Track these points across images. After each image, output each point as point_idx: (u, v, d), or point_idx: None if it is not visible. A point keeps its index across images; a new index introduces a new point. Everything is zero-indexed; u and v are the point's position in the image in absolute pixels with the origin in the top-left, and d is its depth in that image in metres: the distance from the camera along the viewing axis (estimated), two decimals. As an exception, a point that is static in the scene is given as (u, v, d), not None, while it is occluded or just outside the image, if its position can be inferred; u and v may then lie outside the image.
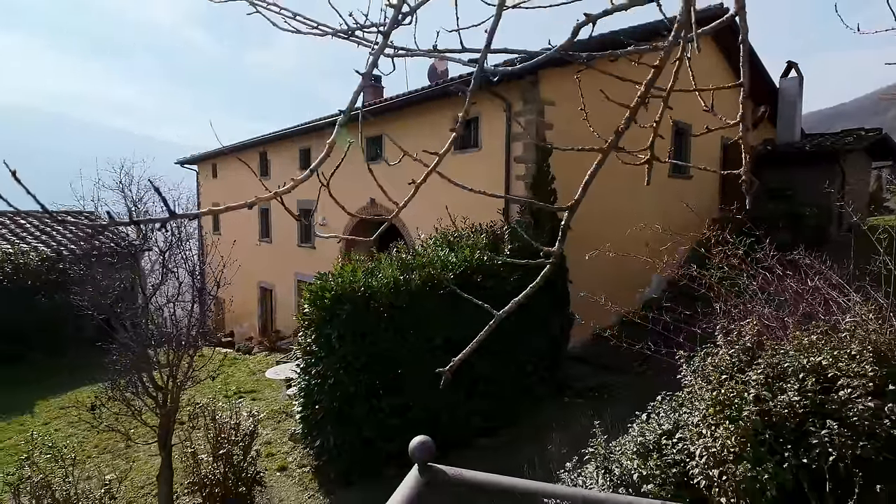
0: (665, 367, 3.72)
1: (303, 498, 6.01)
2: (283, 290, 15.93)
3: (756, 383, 2.54)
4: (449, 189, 1.47)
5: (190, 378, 5.25)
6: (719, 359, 2.84)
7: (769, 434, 2.39)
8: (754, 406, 2.45)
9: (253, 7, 1.12)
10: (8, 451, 7.86)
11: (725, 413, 2.50)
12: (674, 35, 1.00)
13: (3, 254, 11.88)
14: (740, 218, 4.25)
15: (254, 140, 16.19)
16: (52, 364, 11.63)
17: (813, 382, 2.43)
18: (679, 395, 3.14)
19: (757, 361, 2.70)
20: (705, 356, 2.99)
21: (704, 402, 2.65)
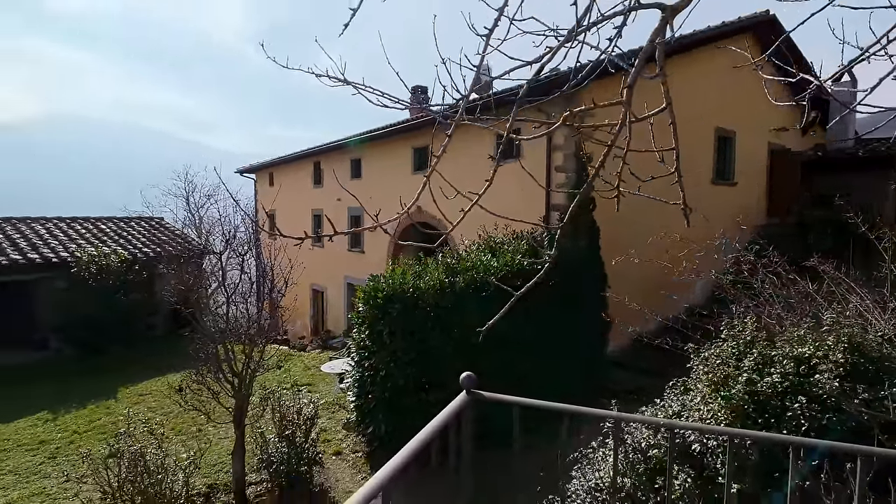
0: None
1: (356, 479, 6.59)
2: (334, 292, 16.77)
3: (748, 369, 2.90)
4: (491, 197, 1.82)
5: (260, 366, 5.94)
6: (721, 349, 3.20)
7: (754, 408, 2.75)
8: (745, 387, 2.81)
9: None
10: (99, 429, 8.87)
11: (720, 392, 2.87)
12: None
13: (89, 256, 13.18)
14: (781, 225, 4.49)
15: (308, 151, 17.17)
16: (128, 356, 12.84)
17: (793, 367, 2.77)
18: (687, 380, 3.50)
19: (752, 351, 3.05)
20: (710, 347, 3.35)
21: (703, 383, 3.02)
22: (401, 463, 1.23)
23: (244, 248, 6.05)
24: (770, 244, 4.53)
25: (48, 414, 9.77)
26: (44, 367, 12.77)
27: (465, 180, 1.82)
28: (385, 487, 1.14)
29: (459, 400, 1.59)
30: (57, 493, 6.94)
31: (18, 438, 8.77)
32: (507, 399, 1.66)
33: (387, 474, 1.18)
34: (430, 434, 1.40)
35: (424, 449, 1.32)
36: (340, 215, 16.02)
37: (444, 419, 1.47)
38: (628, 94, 1.33)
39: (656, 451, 2.99)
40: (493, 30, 1.36)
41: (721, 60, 9.81)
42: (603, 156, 1.43)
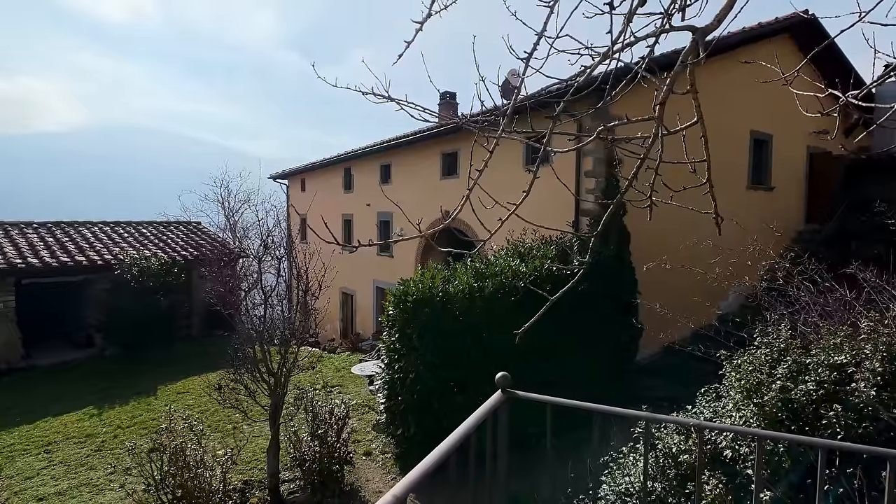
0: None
1: (386, 480, 6.70)
2: (363, 296, 17.00)
3: (782, 376, 2.88)
4: (519, 200, 1.90)
5: (295, 366, 6.12)
6: (753, 357, 3.17)
7: (787, 416, 2.72)
8: (778, 394, 2.79)
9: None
10: (140, 425, 9.24)
11: (752, 399, 2.86)
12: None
13: (131, 258, 13.73)
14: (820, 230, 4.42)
15: (339, 157, 17.50)
16: (167, 355, 13.33)
17: (828, 375, 2.74)
18: (719, 387, 3.48)
19: (785, 359, 3.02)
20: (742, 354, 3.33)
21: (735, 390, 3.01)
22: (438, 458, 1.30)
23: (281, 252, 6.25)
24: (808, 251, 4.45)
25: (94, 409, 10.22)
26: (88, 365, 13.36)
27: (493, 184, 1.89)
28: (422, 482, 1.22)
29: (495, 398, 1.67)
30: (103, 485, 7.27)
31: (67, 431, 9.21)
32: (541, 398, 1.73)
33: (424, 469, 1.25)
34: (467, 430, 1.48)
35: (461, 445, 1.40)
36: (370, 220, 16.27)
37: (480, 417, 1.55)
38: (660, 110, 1.39)
39: (686, 456, 3.00)
40: (533, 52, 1.44)
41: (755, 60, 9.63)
42: (636, 168, 1.49)
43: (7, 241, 14.03)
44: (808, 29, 10.53)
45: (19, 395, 11.40)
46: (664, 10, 1.34)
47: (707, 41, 1.44)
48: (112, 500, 6.88)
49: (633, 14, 1.32)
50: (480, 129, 2.05)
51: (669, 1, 1.35)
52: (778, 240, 6.71)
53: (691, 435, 3.08)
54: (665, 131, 1.43)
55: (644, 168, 1.50)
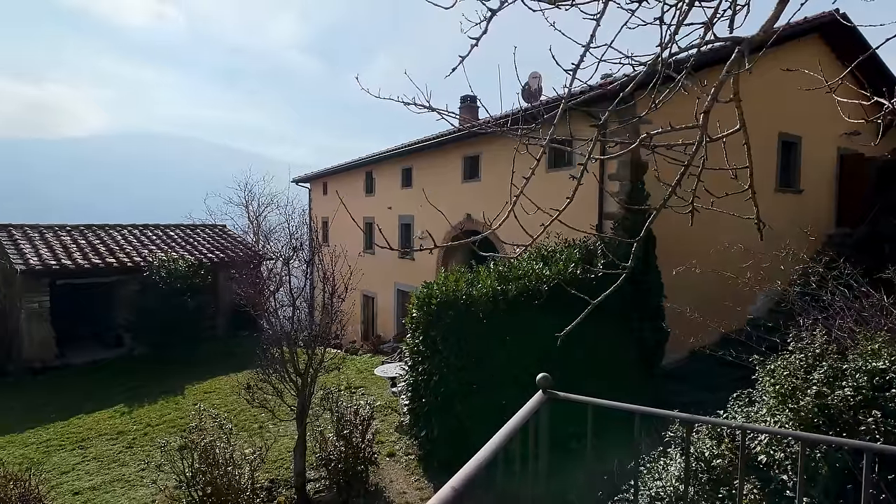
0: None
1: (410, 480, 6.76)
2: (384, 299, 17.12)
3: (818, 381, 2.85)
4: (543, 205, 1.93)
5: (322, 367, 6.23)
6: (788, 362, 3.15)
7: (824, 421, 2.69)
8: (814, 399, 2.77)
9: (403, 105, 1.79)
10: (169, 423, 9.46)
11: (787, 404, 2.83)
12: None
13: (160, 261, 14.06)
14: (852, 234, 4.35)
15: (360, 161, 17.69)
16: (193, 355, 13.60)
17: (866, 381, 2.71)
18: (752, 392, 3.45)
19: (821, 364, 2.99)
20: (776, 359, 3.30)
21: (769, 395, 2.99)
22: (489, 454, 1.34)
23: (308, 255, 6.37)
24: (840, 255, 4.37)
25: (124, 407, 10.50)
26: (118, 364, 13.72)
27: (518, 185, 1.92)
28: (478, 475, 1.25)
29: (536, 399, 1.71)
30: (135, 480, 7.47)
31: (99, 428, 9.48)
32: (582, 399, 1.76)
33: (478, 463, 1.29)
34: (513, 429, 1.51)
35: (503, 447, 1.43)
36: (391, 223, 16.39)
37: (522, 418, 1.59)
38: (705, 118, 1.41)
39: (720, 460, 2.99)
40: (580, 64, 1.48)
41: (784, 61, 9.49)
42: (680, 174, 1.52)
43: (42, 243, 14.50)
44: (839, 29, 10.33)
45: (54, 393, 11.77)
46: (707, 19, 1.37)
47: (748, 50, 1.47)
48: (144, 495, 7.06)
49: (679, 26, 1.35)
50: (512, 134, 2.09)
51: (712, 11, 1.38)
52: (808, 244, 6.58)
53: (724, 440, 3.07)
54: (708, 138, 1.46)
55: (687, 174, 1.52)
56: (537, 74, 14.40)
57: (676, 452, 3.30)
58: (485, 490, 1.28)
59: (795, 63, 9.95)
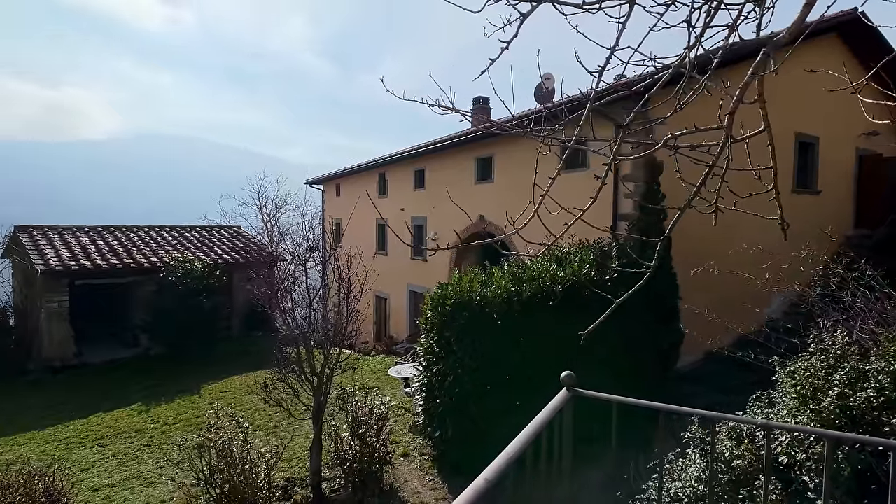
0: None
1: (424, 481, 6.79)
2: (397, 299, 17.18)
3: (840, 383, 2.83)
4: (556, 206, 1.95)
5: (337, 367, 6.28)
6: (809, 363, 3.13)
7: (846, 422, 2.68)
8: (836, 401, 2.75)
9: (427, 106, 1.82)
10: (186, 422, 9.59)
11: (809, 405, 2.82)
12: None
13: (176, 261, 14.25)
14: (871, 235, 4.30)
15: (373, 162, 17.79)
16: (208, 355, 13.77)
17: (889, 382, 2.69)
18: (772, 393, 3.44)
19: (843, 365, 2.97)
20: (796, 361, 3.28)
21: (789, 396, 2.98)
22: (517, 450, 1.36)
23: (325, 255, 6.43)
24: (859, 256, 4.32)
25: (141, 406, 10.65)
26: (135, 363, 13.93)
27: (527, 188, 1.94)
28: (508, 469, 1.28)
29: (561, 397, 1.73)
30: (153, 478, 7.58)
31: (118, 426, 9.63)
32: (606, 397, 1.78)
33: (507, 458, 1.31)
34: (540, 426, 1.53)
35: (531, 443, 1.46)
36: (404, 224, 16.44)
37: (547, 416, 1.61)
38: (729, 119, 1.43)
39: (740, 461, 2.98)
40: (606, 67, 1.50)
41: (801, 61, 9.39)
42: (704, 175, 1.54)
43: (61, 244, 14.76)
44: (858, 29, 10.22)
45: (73, 391, 11.98)
46: (732, 21, 1.38)
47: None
48: (162, 493, 7.16)
49: (706, 28, 1.37)
50: (535, 135, 2.11)
51: (736, 13, 1.40)
52: (826, 245, 6.52)
53: (743, 440, 3.06)
54: (732, 139, 1.47)
55: (711, 175, 1.54)
56: (550, 76, 14.38)
57: (695, 453, 3.29)
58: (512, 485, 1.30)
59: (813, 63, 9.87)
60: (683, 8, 1.37)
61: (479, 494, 1.07)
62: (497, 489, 1.15)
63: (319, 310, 6.70)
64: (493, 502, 1.11)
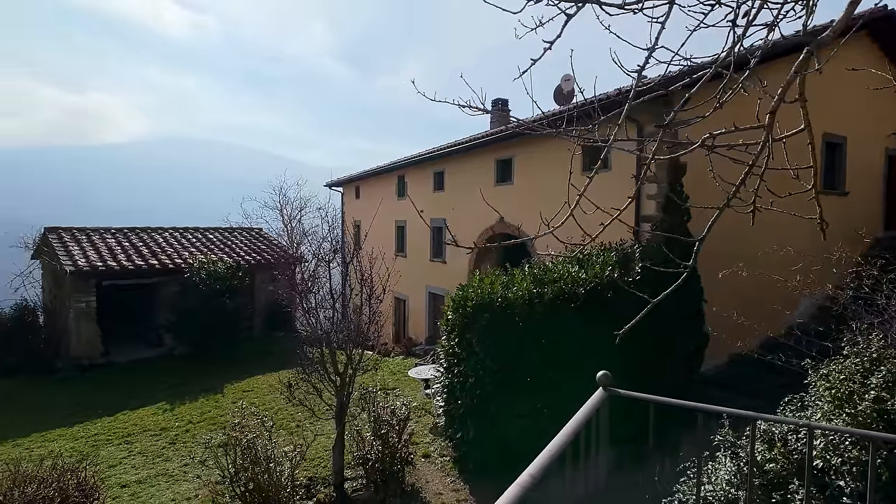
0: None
1: (446, 482, 6.80)
2: (415, 301, 17.25)
3: (876, 386, 2.77)
4: (579, 208, 1.95)
5: (360, 367, 6.34)
6: (843, 366, 3.07)
7: (883, 426, 2.62)
8: (873, 404, 2.69)
9: (459, 107, 1.84)
10: (209, 420, 9.75)
11: (844, 409, 2.76)
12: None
13: (200, 262, 14.50)
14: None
15: (393, 164, 17.90)
16: (231, 355, 13.97)
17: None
18: (804, 396, 3.37)
19: (879, 368, 2.90)
20: (829, 363, 3.22)
21: (824, 400, 2.92)
22: (558, 448, 1.37)
23: (348, 256, 6.50)
24: (892, 258, 4.23)
25: (166, 404, 10.86)
26: (159, 363, 14.20)
27: (547, 189, 1.96)
28: (551, 465, 1.29)
29: (597, 396, 1.74)
30: (179, 475, 7.72)
31: (144, 424, 9.83)
32: (643, 397, 1.78)
33: (550, 455, 1.32)
34: (578, 426, 1.54)
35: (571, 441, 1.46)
36: (423, 226, 16.51)
37: (585, 415, 1.62)
38: (770, 118, 1.42)
39: (773, 465, 2.93)
40: (645, 66, 1.50)
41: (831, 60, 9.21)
42: (743, 174, 1.53)
43: (89, 245, 15.13)
44: (889, 25, 9.99)
45: (100, 389, 12.26)
46: (772, 19, 1.38)
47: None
48: (187, 490, 7.29)
49: (748, 26, 1.36)
50: (566, 134, 2.12)
51: (777, 12, 1.39)
52: (857, 247, 6.38)
53: (776, 443, 3.01)
54: (773, 139, 1.46)
55: (749, 174, 1.53)
56: (569, 77, 14.33)
57: (726, 456, 3.25)
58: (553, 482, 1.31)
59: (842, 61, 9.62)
60: (722, 7, 1.37)
61: (525, 489, 1.09)
62: (541, 484, 1.16)
63: (342, 311, 6.76)
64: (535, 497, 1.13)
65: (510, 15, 1.83)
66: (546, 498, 1.31)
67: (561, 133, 1.98)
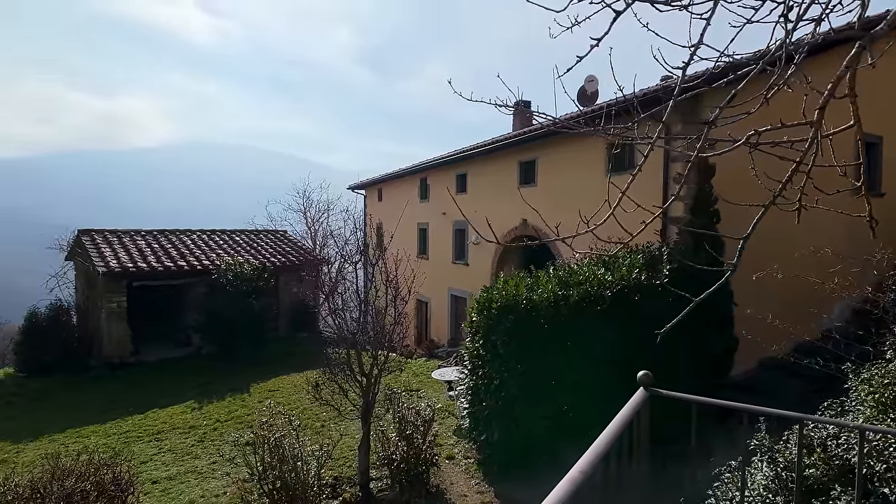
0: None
1: (470, 484, 6.79)
2: (438, 303, 17.28)
3: (924, 389, 2.68)
4: (605, 209, 1.95)
5: (385, 368, 6.38)
6: (887, 370, 2.98)
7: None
8: (922, 407, 2.61)
9: (495, 106, 1.84)
10: (237, 419, 9.92)
11: (889, 414, 2.68)
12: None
13: (227, 264, 14.78)
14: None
15: (415, 167, 17.99)
16: (257, 355, 14.19)
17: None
18: (844, 401, 3.28)
19: (926, 371, 2.82)
20: (871, 367, 3.12)
21: (866, 404, 2.84)
22: (603, 448, 1.36)
23: (374, 258, 6.56)
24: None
25: (194, 403, 11.07)
26: (187, 362, 14.49)
27: (571, 190, 1.96)
28: (597, 463, 1.28)
29: (639, 397, 1.73)
30: (207, 473, 7.87)
31: (173, 422, 10.04)
32: (685, 397, 1.77)
33: (596, 453, 1.32)
34: (620, 427, 1.53)
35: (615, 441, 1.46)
36: (445, 228, 16.55)
37: (627, 415, 1.61)
38: (819, 114, 1.40)
39: (813, 470, 2.86)
40: (689, 63, 1.50)
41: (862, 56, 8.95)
42: (790, 171, 1.51)
43: (120, 247, 15.54)
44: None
45: (130, 388, 12.57)
46: (821, 13, 1.36)
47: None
48: (216, 487, 7.42)
49: (798, 21, 1.34)
50: (604, 132, 2.11)
51: (825, 5, 1.37)
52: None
53: (815, 449, 2.93)
54: (822, 135, 1.44)
55: (796, 171, 1.51)
56: (593, 77, 14.23)
57: (762, 461, 3.18)
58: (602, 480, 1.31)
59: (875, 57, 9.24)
60: (768, 2, 1.35)
61: (575, 485, 1.09)
62: (589, 481, 1.16)
63: (369, 312, 6.81)
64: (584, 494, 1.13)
65: (532, 17, 1.85)
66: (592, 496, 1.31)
67: (598, 131, 1.98)
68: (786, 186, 1.53)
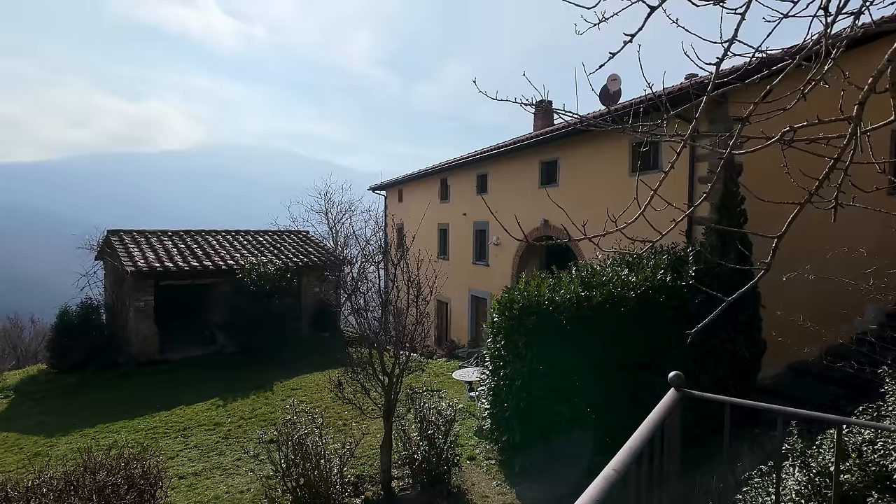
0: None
1: (491, 485, 6.78)
2: (458, 304, 17.29)
3: (968, 395, 2.58)
4: (630, 210, 1.93)
5: (407, 368, 6.41)
6: (928, 373, 2.88)
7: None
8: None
9: (520, 105, 1.83)
10: (260, 417, 10.07)
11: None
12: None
13: (251, 264, 15.01)
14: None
15: (435, 168, 18.03)
16: (280, 354, 14.38)
17: None
18: (881, 405, 3.18)
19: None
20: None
21: (908, 408, 2.75)
22: (636, 448, 1.35)
23: (396, 259, 6.60)
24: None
25: (219, 401, 11.27)
26: (212, 360, 14.75)
27: (595, 190, 1.94)
28: (631, 462, 1.27)
29: (670, 397, 1.71)
30: (232, 469, 8.00)
31: (199, 419, 10.24)
32: (718, 398, 1.74)
33: (630, 451, 1.31)
34: (652, 428, 1.51)
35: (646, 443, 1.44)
36: (466, 229, 16.54)
37: (659, 416, 1.59)
38: (859, 110, 1.36)
39: (848, 476, 2.78)
40: (723, 59, 1.47)
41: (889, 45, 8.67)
42: (828, 168, 1.47)
43: (147, 247, 15.91)
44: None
45: (157, 385, 12.85)
46: (863, 3, 1.32)
47: None
48: (240, 483, 7.54)
49: (838, 13, 1.31)
50: (632, 130, 2.09)
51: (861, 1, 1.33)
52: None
53: (850, 454, 2.85)
54: (860, 130, 1.40)
55: (834, 168, 1.47)
56: (616, 77, 14.08)
57: (794, 466, 3.11)
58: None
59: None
60: None
61: (610, 483, 1.08)
62: (623, 480, 1.15)
63: (390, 311, 6.85)
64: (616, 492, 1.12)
65: (550, 17, 1.84)
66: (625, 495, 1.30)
67: (626, 129, 1.96)
68: (822, 184, 1.50)
